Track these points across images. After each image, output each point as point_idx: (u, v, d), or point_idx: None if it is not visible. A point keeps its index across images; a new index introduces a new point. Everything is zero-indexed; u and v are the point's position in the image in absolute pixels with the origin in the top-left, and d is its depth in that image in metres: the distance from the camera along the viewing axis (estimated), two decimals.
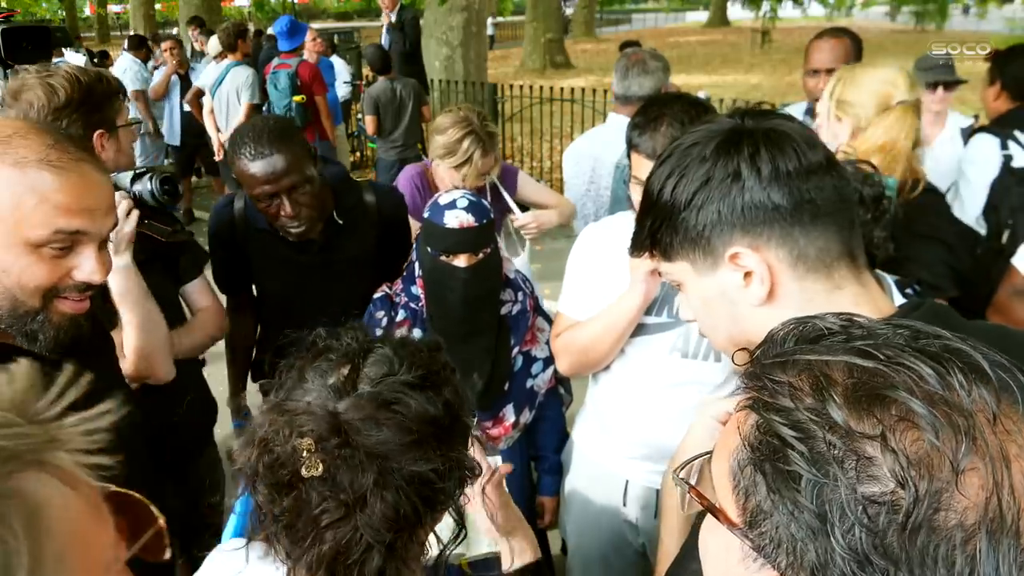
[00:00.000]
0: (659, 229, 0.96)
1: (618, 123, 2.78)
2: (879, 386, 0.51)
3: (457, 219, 1.67)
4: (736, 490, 0.56)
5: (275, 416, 0.86)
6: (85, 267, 1.11)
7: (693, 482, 0.69)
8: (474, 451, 0.98)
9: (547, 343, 1.90)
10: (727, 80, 16.95)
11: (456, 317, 1.76)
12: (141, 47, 7.95)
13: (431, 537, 0.95)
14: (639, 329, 1.73)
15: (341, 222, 2.00)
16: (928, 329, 0.56)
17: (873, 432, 0.49)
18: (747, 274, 0.91)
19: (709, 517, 0.61)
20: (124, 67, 7.56)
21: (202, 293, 1.94)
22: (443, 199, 1.73)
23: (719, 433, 0.65)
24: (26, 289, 1.08)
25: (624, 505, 1.87)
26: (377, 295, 1.92)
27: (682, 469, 0.70)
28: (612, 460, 1.86)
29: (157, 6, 20.95)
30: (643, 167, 1.67)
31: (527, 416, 1.91)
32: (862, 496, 0.48)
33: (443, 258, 1.70)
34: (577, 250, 1.94)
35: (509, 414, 1.87)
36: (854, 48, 2.75)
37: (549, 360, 1.91)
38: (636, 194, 1.73)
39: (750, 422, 0.56)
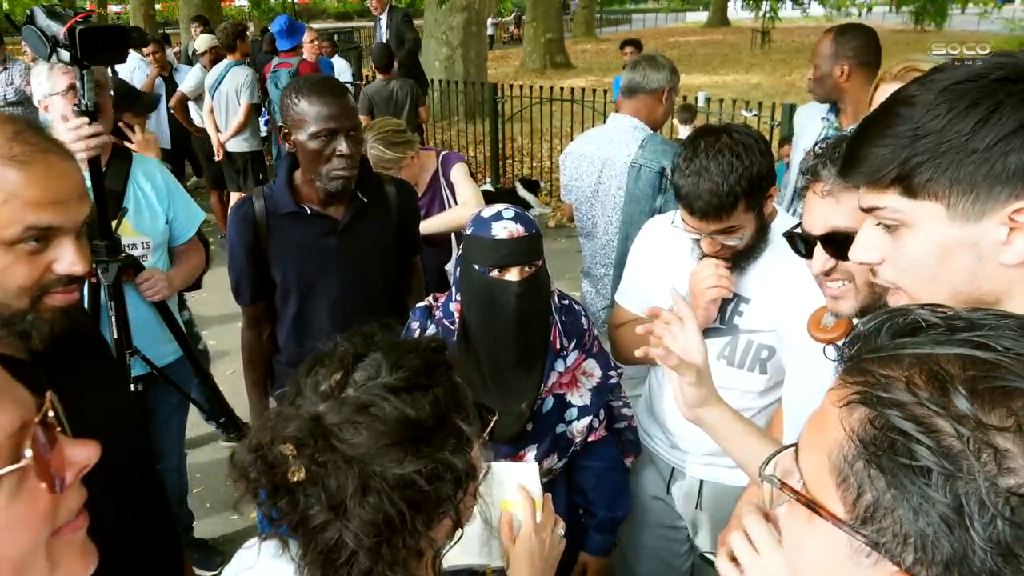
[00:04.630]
0: (921, 165, 0.83)
1: (619, 123, 2.78)
2: (1002, 378, 0.50)
3: (506, 229, 1.55)
4: (843, 486, 0.55)
5: (264, 422, 0.90)
6: (65, 260, 1.08)
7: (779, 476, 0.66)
8: (475, 452, 0.95)
9: (589, 390, 1.76)
10: (727, 80, 16.95)
11: (508, 339, 1.62)
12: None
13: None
14: None
15: (365, 199, 2.08)
16: None
17: (1005, 424, 0.48)
18: (1012, 231, 0.82)
19: (798, 513, 0.59)
20: (132, 67, 7.52)
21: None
22: (485, 212, 1.62)
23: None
24: (9, 290, 1.05)
25: (668, 493, 1.97)
26: (421, 304, 1.83)
27: (766, 465, 0.68)
28: (661, 447, 1.97)
29: (157, 6, 20.95)
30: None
31: (554, 462, 1.74)
32: (1004, 489, 0.47)
33: (493, 274, 1.57)
34: (639, 242, 2.02)
35: (530, 456, 1.70)
36: (859, 43, 2.70)
37: (588, 410, 1.75)
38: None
39: (857, 416, 0.55)
